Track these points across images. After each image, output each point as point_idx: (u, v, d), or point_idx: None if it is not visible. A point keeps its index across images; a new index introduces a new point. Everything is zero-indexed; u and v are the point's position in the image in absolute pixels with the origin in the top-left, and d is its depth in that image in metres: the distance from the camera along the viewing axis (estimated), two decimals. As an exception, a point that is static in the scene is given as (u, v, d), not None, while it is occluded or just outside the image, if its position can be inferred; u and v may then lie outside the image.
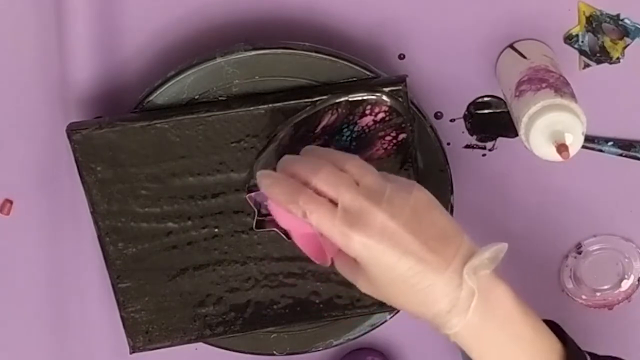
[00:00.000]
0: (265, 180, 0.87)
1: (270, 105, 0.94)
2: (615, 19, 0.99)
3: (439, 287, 0.83)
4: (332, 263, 0.90)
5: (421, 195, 0.85)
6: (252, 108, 0.94)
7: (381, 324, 1.04)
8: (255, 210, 0.96)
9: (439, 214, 0.86)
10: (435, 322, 0.85)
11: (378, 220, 0.83)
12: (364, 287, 0.88)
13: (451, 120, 1.02)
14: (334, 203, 0.84)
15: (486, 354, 0.86)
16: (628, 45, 1.00)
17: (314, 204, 0.84)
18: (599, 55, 1.00)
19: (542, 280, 1.08)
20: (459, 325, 0.84)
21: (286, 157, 0.89)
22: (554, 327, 0.89)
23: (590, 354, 0.89)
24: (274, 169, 0.93)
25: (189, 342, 1.02)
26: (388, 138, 0.95)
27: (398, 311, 1.03)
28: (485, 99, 1.02)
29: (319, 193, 0.85)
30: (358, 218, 0.83)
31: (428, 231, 0.84)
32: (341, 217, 0.83)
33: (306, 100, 0.94)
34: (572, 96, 0.91)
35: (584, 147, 0.93)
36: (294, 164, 0.87)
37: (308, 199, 0.84)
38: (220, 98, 0.95)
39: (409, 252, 0.83)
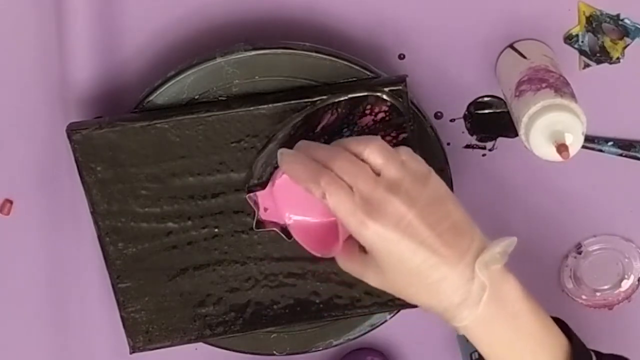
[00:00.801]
0: (288, 158, 0.87)
1: (270, 105, 0.94)
2: (615, 19, 0.99)
3: (451, 280, 0.84)
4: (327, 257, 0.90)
5: (437, 187, 0.86)
6: (252, 108, 0.94)
7: (381, 324, 1.04)
8: (255, 210, 0.96)
9: (453, 207, 0.86)
10: (446, 314, 0.86)
11: (394, 211, 0.83)
12: (372, 279, 0.88)
13: (451, 120, 1.02)
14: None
15: (494, 347, 0.87)
16: (628, 45, 1.00)
17: (335, 186, 0.84)
18: (599, 55, 1.00)
19: (542, 280, 1.08)
20: (469, 319, 0.84)
21: (304, 141, 0.89)
22: (560, 324, 0.89)
23: (595, 352, 0.90)
24: (275, 168, 0.94)
25: (189, 342, 1.02)
26: (388, 138, 0.95)
27: (398, 311, 1.03)
28: (485, 99, 1.02)
29: None
30: (375, 207, 0.83)
31: (442, 223, 0.84)
32: (358, 204, 0.83)
33: (306, 100, 0.94)
34: (572, 96, 0.91)
35: (584, 147, 0.93)
36: (314, 148, 0.87)
37: (330, 180, 0.84)
38: (220, 98, 0.95)
39: (424, 244, 0.83)
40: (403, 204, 0.83)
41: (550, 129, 0.89)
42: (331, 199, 0.84)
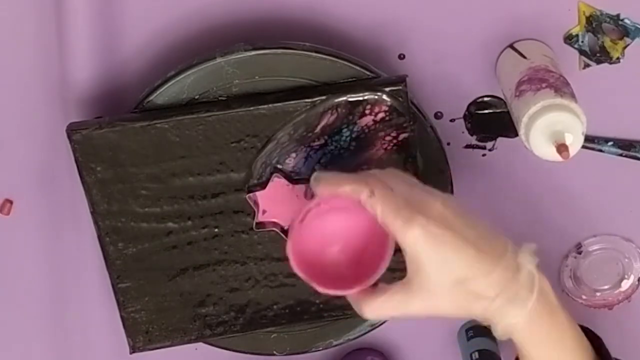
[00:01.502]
0: (327, 175, 0.88)
1: (270, 105, 0.94)
2: (615, 19, 0.99)
3: (497, 274, 0.84)
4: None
5: (460, 204, 0.87)
6: (252, 108, 0.94)
7: (381, 324, 1.04)
8: (255, 210, 0.96)
9: (478, 218, 0.87)
10: (496, 314, 0.85)
11: (436, 211, 0.84)
12: (413, 303, 0.86)
13: (451, 120, 1.02)
14: None
15: (537, 346, 0.87)
16: (628, 45, 1.00)
17: (381, 185, 0.85)
18: (599, 55, 1.00)
19: (542, 280, 1.08)
20: (522, 314, 0.85)
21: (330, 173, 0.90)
22: (585, 329, 0.90)
23: None
24: (275, 168, 0.94)
25: (189, 342, 1.02)
26: (388, 138, 0.95)
27: (398, 311, 1.03)
28: (485, 99, 1.02)
29: None
30: (417, 207, 0.84)
31: (478, 227, 0.86)
32: (402, 204, 0.84)
33: (306, 100, 0.94)
34: (572, 96, 0.91)
35: (584, 147, 0.93)
36: (340, 176, 0.88)
37: (376, 182, 0.85)
38: (220, 98, 0.95)
39: (467, 241, 0.84)
40: (442, 206, 0.85)
41: (550, 129, 0.89)
42: (379, 195, 0.84)
